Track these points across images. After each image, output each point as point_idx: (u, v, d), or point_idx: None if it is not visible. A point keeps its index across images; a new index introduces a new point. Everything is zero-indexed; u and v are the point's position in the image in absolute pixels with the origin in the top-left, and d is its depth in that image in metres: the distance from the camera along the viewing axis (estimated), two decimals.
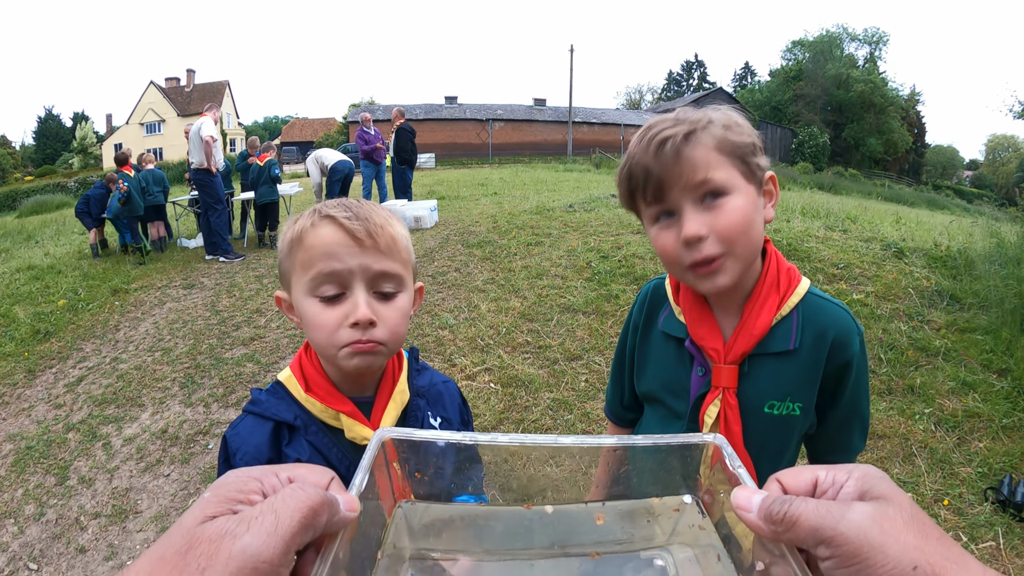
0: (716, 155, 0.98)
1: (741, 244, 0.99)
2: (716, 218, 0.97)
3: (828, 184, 26.61)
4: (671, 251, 1.02)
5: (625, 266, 6.13)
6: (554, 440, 0.59)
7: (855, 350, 1.09)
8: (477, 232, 8.26)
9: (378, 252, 0.93)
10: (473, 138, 45.27)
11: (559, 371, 4.34)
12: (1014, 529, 2.81)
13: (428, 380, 1.16)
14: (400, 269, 0.97)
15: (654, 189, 1.01)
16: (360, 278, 0.92)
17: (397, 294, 0.97)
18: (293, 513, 0.42)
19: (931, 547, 0.41)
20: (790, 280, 1.10)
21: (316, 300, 0.93)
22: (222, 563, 0.38)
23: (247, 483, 0.45)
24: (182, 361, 4.98)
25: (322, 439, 0.99)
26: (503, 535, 0.64)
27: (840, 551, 0.41)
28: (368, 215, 0.94)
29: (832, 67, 51.18)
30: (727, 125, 1.01)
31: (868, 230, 7.21)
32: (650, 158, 0.99)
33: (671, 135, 0.98)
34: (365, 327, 0.91)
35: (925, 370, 4.14)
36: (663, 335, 1.21)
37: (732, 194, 0.98)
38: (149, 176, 9.39)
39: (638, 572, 0.60)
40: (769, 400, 1.09)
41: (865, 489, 0.45)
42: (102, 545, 2.98)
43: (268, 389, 1.05)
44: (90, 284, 7.48)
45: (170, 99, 50.86)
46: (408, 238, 1.03)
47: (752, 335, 1.06)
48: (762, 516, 0.47)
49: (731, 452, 0.58)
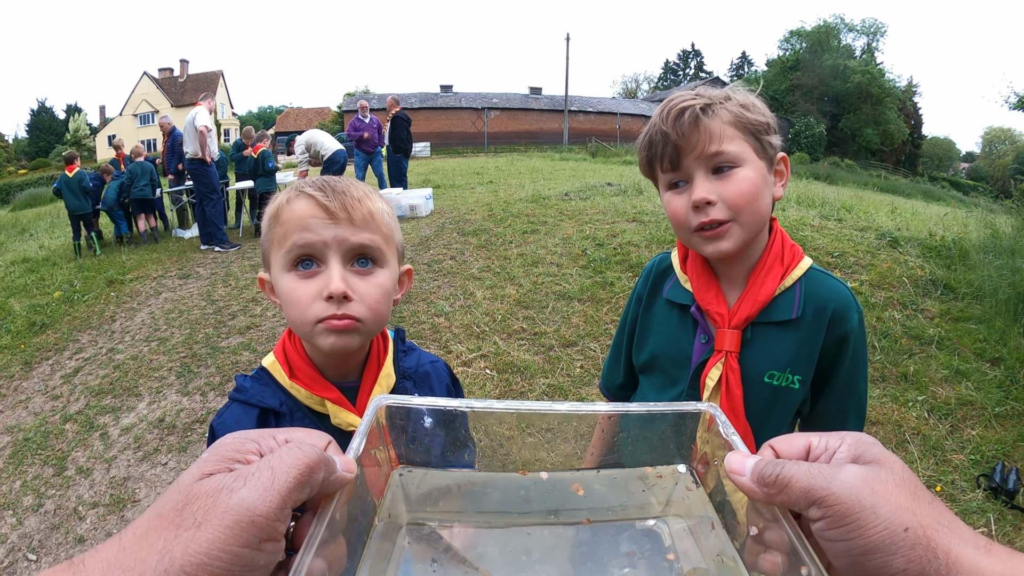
0: (731, 129, 1.05)
1: (747, 213, 1.05)
2: (725, 186, 1.04)
3: (824, 174, 26.54)
4: (681, 214, 1.09)
5: (620, 254, 6.14)
6: (549, 407, 0.59)
7: (853, 325, 1.12)
8: (473, 220, 8.25)
9: (353, 225, 0.91)
10: (469, 127, 45.08)
11: (554, 357, 4.35)
12: (1006, 516, 2.84)
13: (415, 361, 1.14)
14: (379, 243, 0.94)
15: (671, 156, 1.07)
16: (335, 250, 0.90)
17: (376, 269, 0.94)
18: (289, 470, 0.42)
19: (922, 510, 0.41)
20: (794, 255, 1.15)
21: (292, 275, 0.91)
22: (218, 516, 0.38)
23: (244, 444, 0.46)
24: (178, 351, 4.97)
25: (308, 425, 0.97)
26: (499, 502, 0.64)
27: (831, 511, 0.42)
28: (345, 189, 0.92)
29: (829, 57, 51.02)
30: (744, 104, 1.08)
31: (863, 219, 7.23)
32: (669, 126, 1.06)
33: (690, 106, 1.05)
34: (340, 300, 0.89)
35: (919, 358, 4.16)
36: (667, 303, 1.25)
37: (743, 166, 1.05)
38: (137, 169, 9.33)
39: (634, 541, 0.61)
40: (769, 370, 1.12)
41: (858, 454, 0.46)
42: (100, 534, 2.98)
43: (252, 375, 1.04)
44: (85, 275, 7.46)
45: (164, 90, 50.47)
46: (390, 214, 1.00)
47: (757, 300, 1.10)
48: (755, 479, 0.48)
49: (724, 419, 0.59)
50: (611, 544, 0.60)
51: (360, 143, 10.89)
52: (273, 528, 0.40)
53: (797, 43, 54.96)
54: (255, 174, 9.35)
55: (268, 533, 0.40)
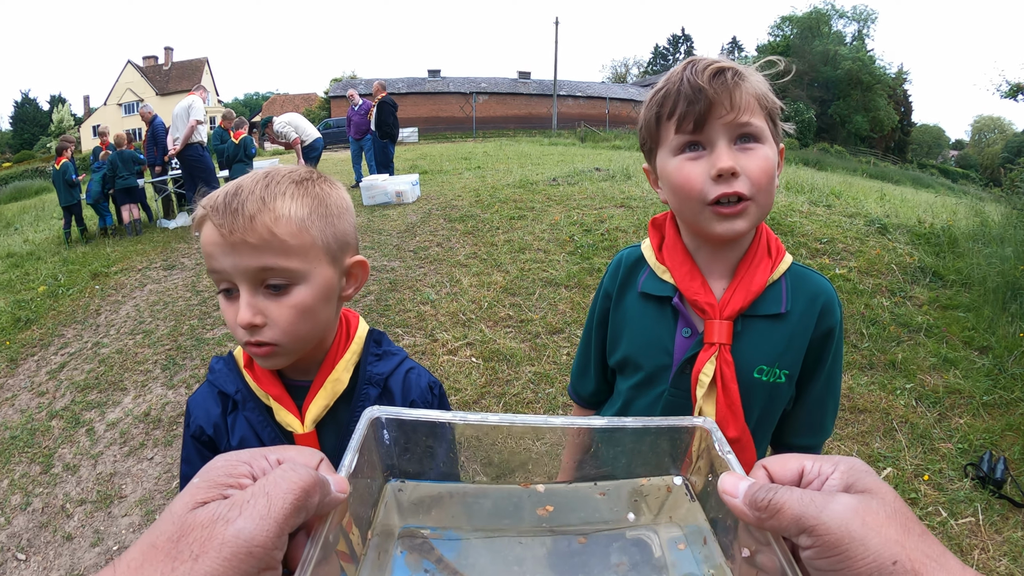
0: (757, 104, 0.99)
1: (764, 193, 0.99)
2: (749, 160, 0.97)
3: (813, 160, 26.68)
4: (697, 183, 0.99)
5: (608, 240, 6.14)
6: (544, 421, 0.59)
7: (837, 319, 1.12)
8: (459, 206, 8.21)
9: (251, 247, 0.84)
10: (457, 112, 44.87)
11: (541, 345, 4.36)
12: (993, 505, 2.87)
13: (388, 368, 1.05)
14: (284, 263, 0.86)
15: (698, 114, 0.97)
16: (241, 278, 0.86)
17: (292, 288, 0.88)
18: (286, 495, 0.41)
19: (912, 543, 0.41)
20: (779, 250, 1.12)
21: (221, 297, 0.90)
22: (215, 549, 0.38)
23: (236, 467, 0.45)
24: (163, 343, 4.93)
25: (257, 417, 0.98)
26: (492, 513, 0.65)
27: (821, 541, 0.42)
28: (239, 207, 0.84)
29: (820, 44, 51.00)
30: (766, 85, 1.03)
31: (852, 206, 7.26)
32: (705, 81, 0.96)
33: (729, 67, 0.97)
34: (251, 330, 0.86)
35: (907, 346, 4.20)
36: (642, 298, 1.17)
37: (765, 144, 1.00)
38: (118, 158, 9.17)
39: (624, 551, 0.61)
40: (759, 364, 1.08)
41: (851, 482, 0.46)
42: (88, 531, 2.97)
43: (224, 358, 1.05)
44: (70, 269, 7.36)
45: (148, 78, 49.86)
46: (307, 216, 0.89)
47: (749, 291, 1.06)
48: (747, 502, 0.48)
49: (720, 437, 0.59)
50: (602, 554, 0.60)
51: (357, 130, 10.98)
52: (271, 557, 0.40)
53: (788, 29, 54.93)
54: (233, 160, 9.22)
55: (266, 563, 0.40)
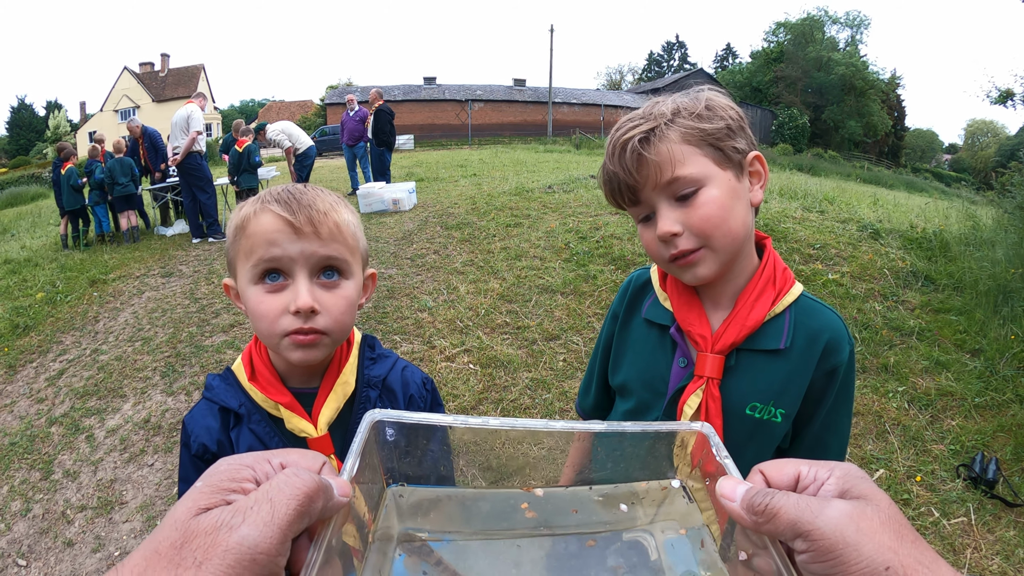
0: (684, 148, 0.96)
1: (718, 236, 0.97)
2: (690, 214, 0.97)
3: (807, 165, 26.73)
4: (653, 247, 1.04)
5: (603, 247, 6.16)
6: (545, 425, 0.60)
7: (844, 358, 1.04)
8: (456, 214, 8.24)
9: (319, 239, 0.91)
10: (452, 119, 44.75)
11: (537, 351, 4.38)
12: (985, 505, 2.90)
13: (384, 370, 1.10)
14: (345, 255, 0.95)
15: (628, 194, 1.02)
16: (302, 265, 0.90)
17: (342, 281, 0.95)
18: (289, 501, 0.41)
19: (905, 549, 0.41)
20: (786, 279, 1.07)
21: (259, 288, 0.91)
22: (219, 556, 0.37)
23: (239, 471, 0.44)
24: (162, 350, 4.93)
25: (264, 428, 0.99)
26: (490, 516, 0.65)
27: (816, 546, 0.43)
28: (311, 202, 0.92)
29: (813, 49, 51.28)
30: (697, 113, 0.98)
31: (845, 211, 7.30)
32: (616, 164, 1.00)
33: (630, 137, 0.98)
34: (307, 315, 0.90)
35: (899, 349, 4.23)
36: (645, 323, 1.17)
37: (707, 186, 0.96)
38: (116, 166, 9.15)
39: (622, 554, 0.61)
40: (751, 401, 1.04)
41: (846, 488, 0.46)
42: (89, 537, 2.97)
43: (221, 375, 1.05)
44: (68, 276, 7.34)
45: (144, 84, 49.59)
46: (356, 225, 1.00)
47: (744, 326, 1.02)
48: (744, 506, 0.49)
49: (718, 442, 0.60)
50: (599, 557, 0.61)
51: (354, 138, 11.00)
52: (275, 564, 0.40)
53: (782, 35, 55.20)
54: (239, 169, 9.25)
55: (270, 570, 0.39)
